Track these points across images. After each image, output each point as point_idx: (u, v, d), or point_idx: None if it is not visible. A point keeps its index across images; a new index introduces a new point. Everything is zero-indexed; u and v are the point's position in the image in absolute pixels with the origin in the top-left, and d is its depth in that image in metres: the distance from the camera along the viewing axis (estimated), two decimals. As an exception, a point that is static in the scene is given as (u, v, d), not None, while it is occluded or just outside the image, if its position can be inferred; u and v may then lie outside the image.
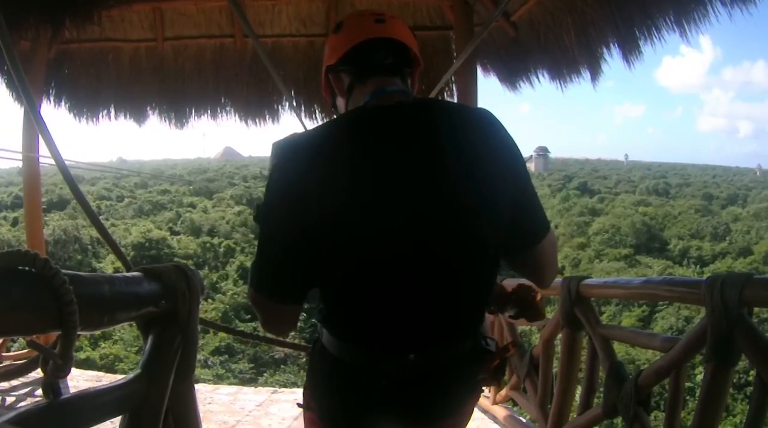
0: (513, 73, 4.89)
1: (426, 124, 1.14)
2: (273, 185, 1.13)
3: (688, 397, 6.83)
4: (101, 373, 5.55)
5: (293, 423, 3.55)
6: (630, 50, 3.79)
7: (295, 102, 5.08)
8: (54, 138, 2.17)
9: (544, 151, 77.11)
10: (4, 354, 4.30)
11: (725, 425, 14.36)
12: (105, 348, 20.31)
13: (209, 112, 5.31)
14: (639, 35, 3.67)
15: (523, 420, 3.56)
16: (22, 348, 5.94)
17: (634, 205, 42.54)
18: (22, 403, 3.62)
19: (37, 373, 3.88)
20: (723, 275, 1.73)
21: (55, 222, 27.83)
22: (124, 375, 1.12)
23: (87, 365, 14.91)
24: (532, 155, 74.69)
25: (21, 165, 4.87)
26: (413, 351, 1.14)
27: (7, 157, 4.44)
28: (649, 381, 2.10)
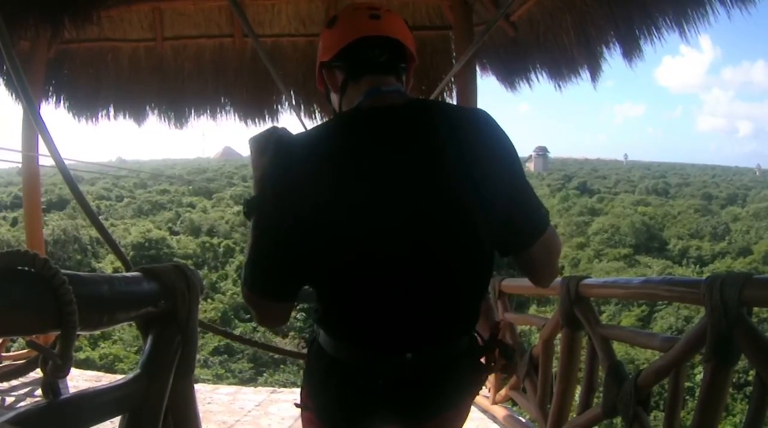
0: (512, 73, 4.89)
1: (421, 125, 1.14)
2: (267, 184, 1.14)
3: (687, 397, 6.85)
4: (101, 373, 5.55)
5: (293, 423, 3.54)
6: (630, 49, 3.79)
7: (294, 101, 5.08)
8: (53, 138, 2.18)
9: (543, 151, 77.14)
10: (3, 354, 4.29)
11: (725, 425, 14.36)
12: (104, 348, 20.28)
13: (209, 111, 5.31)
14: (639, 34, 3.68)
15: (523, 420, 3.56)
16: (22, 348, 5.94)
17: (634, 205, 42.51)
18: (22, 403, 3.62)
19: (37, 373, 3.88)
20: (722, 275, 1.73)
21: (55, 222, 27.78)
22: (123, 375, 1.12)
23: (86, 365, 14.89)
24: (531, 155, 74.82)
25: (20, 165, 4.87)
26: (410, 351, 1.15)
27: (6, 159, 4.44)
28: (649, 380, 2.10)
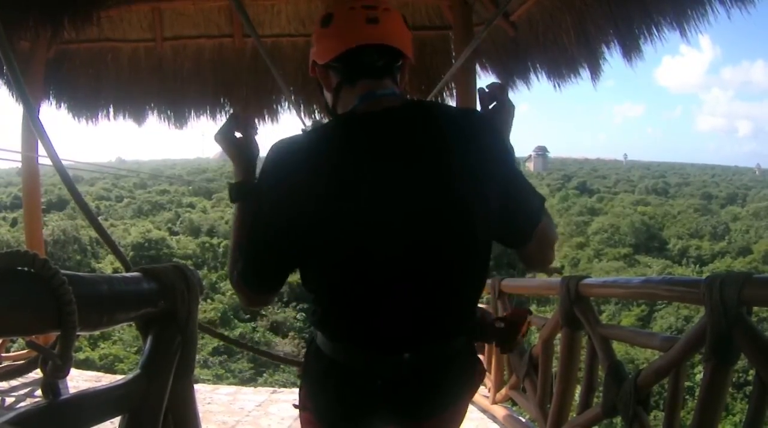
0: (512, 73, 4.89)
1: (418, 126, 1.14)
2: (264, 183, 1.15)
3: (687, 397, 6.85)
4: (101, 373, 5.55)
5: (293, 423, 3.54)
6: (630, 49, 3.79)
7: (294, 101, 5.08)
8: (52, 139, 2.17)
9: (543, 151, 77.17)
10: (3, 355, 4.29)
11: (725, 424, 14.37)
12: (104, 349, 20.27)
13: (208, 111, 5.32)
14: (639, 34, 3.68)
15: (523, 420, 3.56)
16: (22, 349, 5.93)
17: (633, 205, 42.56)
18: (22, 403, 3.62)
19: (37, 373, 3.87)
20: (722, 274, 1.73)
21: (55, 222, 27.77)
22: (123, 376, 1.12)
23: (86, 365, 14.90)
24: (531, 155, 74.87)
25: (20, 165, 4.87)
26: (408, 351, 1.15)
27: (6, 158, 4.44)
28: (649, 380, 2.10)
